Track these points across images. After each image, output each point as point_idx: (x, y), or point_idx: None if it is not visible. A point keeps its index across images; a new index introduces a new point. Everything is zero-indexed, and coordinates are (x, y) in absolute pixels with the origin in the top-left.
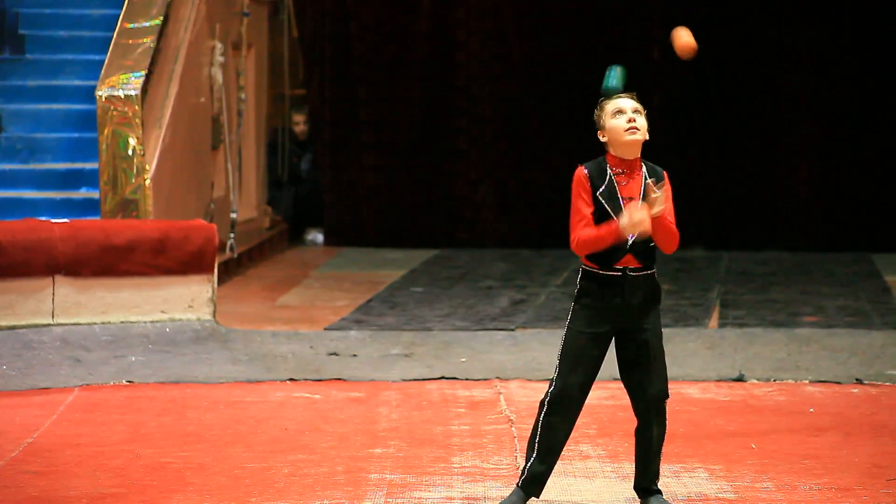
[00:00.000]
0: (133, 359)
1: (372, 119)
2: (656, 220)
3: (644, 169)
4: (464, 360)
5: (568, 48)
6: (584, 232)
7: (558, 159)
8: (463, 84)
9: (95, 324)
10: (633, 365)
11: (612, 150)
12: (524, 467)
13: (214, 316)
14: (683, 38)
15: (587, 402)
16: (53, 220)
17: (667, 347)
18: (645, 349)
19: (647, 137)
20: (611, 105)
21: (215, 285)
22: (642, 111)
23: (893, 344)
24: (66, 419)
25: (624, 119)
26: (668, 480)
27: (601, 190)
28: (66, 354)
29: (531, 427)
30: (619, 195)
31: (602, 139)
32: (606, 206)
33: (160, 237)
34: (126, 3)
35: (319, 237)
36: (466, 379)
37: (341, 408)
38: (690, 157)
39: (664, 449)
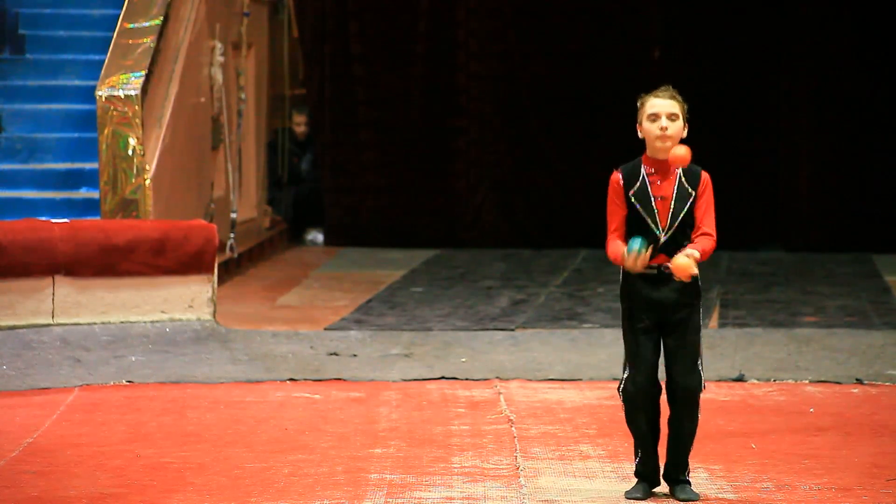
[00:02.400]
0: (133, 359)
1: (372, 119)
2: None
3: (680, 168)
4: (464, 360)
5: (568, 48)
6: (610, 246)
7: (558, 159)
8: (463, 84)
9: (95, 324)
10: (668, 356)
11: (647, 150)
12: (636, 461)
13: (214, 316)
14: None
15: (586, 401)
16: (53, 220)
17: None
18: (679, 340)
19: (684, 135)
20: (649, 105)
21: (215, 285)
22: (680, 113)
23: (893, 344)
24: (66, 419)
25: (657, 126)
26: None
27: (633, 191)
28: (66, 354)
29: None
30: (650, 195)
31: (640, 136)
32: (638, 206)
33: (160, 237)
34: (126, 3)
35: (319, 237)
36: (466, 379)
37: (341, 408)
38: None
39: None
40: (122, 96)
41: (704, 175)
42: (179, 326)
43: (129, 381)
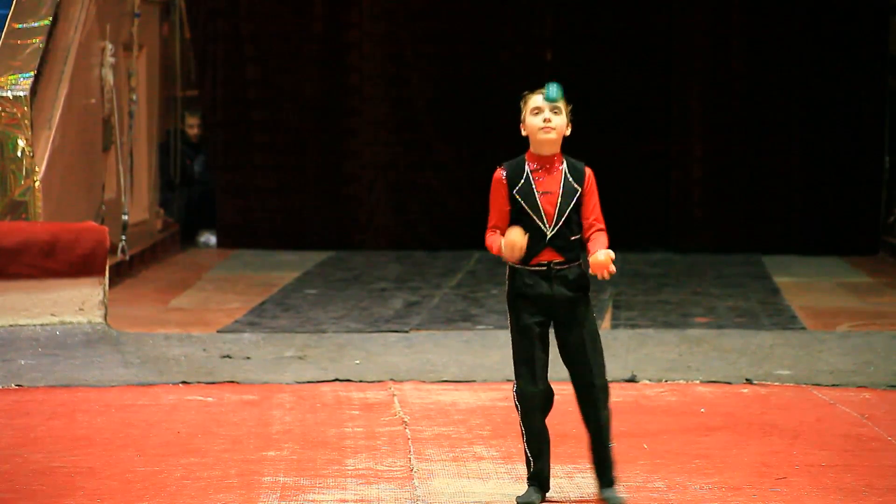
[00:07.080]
0: (22, 362)
1: (265, 120)
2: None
3: (564, 164)
4: (358, 362)
5: (460, 50)
6: (487, 239)
7: (451, 161)
8: (356, 85)
9: None
10: (569, 354)
11: (531, 146)
12: (529, 468)
13: (105, 319)
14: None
15: (480, 402)
16: None
17: None
18: (577, 337)
19: (568, 133)
20: (532, 101)
21: (106, 288)
22: (563, 109)
23: (782, 344)
24: None
25: (540, 118)
26: (561, 481)
27: (518, 188)
28: None
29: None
30: (535, 191)
31: (524, 133)
32: (523, 203)
33: (50, 239)
34: (14, 2)
35: (212, 239)
36: (360, 381)
37: (234, 410)
38: (581, 158)
39: (559, 450)
40: (11, 97)
41: (588, 170)
42: (70, 329)
43: (18, 385)
